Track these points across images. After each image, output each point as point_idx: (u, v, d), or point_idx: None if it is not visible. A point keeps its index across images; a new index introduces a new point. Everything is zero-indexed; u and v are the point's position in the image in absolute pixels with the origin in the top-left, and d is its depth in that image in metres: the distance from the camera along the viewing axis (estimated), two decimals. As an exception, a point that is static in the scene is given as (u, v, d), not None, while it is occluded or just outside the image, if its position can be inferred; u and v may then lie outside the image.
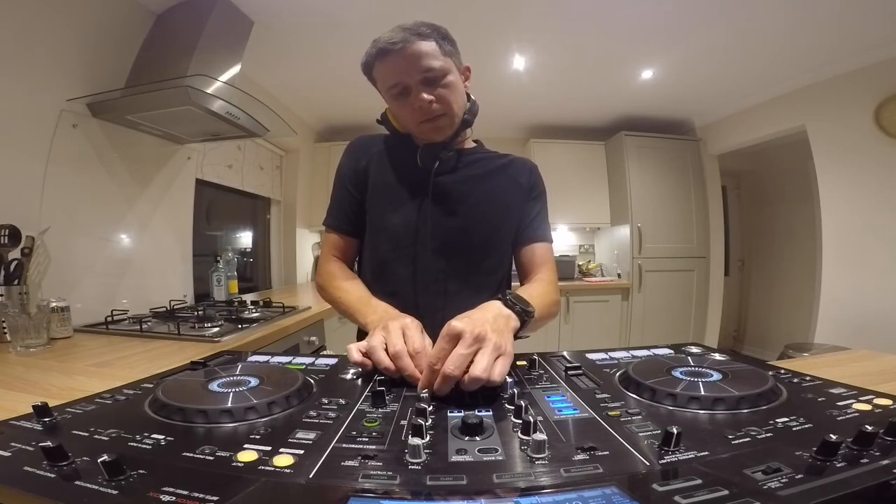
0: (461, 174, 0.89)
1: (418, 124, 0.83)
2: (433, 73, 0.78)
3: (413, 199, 0.87)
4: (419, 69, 0.77)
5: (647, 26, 2.09)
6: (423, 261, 0.86)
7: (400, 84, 0.79)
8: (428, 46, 0.78)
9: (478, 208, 0.88)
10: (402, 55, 0.76)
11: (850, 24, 2.02)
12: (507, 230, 0.92)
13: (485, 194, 0.89)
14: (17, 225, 1.20)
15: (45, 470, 0.33)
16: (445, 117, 0.82)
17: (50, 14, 1.34)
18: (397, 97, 0.81)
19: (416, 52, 0.76)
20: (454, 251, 0.87)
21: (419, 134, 0.86)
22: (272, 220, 3.19)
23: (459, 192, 0.88)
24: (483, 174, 0.91)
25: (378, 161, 0.92)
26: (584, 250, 3.89)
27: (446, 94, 0.80)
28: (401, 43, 0.76)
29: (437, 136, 0.84)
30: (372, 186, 0.90)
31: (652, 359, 0.66)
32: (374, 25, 2.10)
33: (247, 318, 1.50)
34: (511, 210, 0.92)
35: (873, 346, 0.95)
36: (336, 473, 0.34)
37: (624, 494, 0.30)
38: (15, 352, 1.04)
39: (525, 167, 0.96)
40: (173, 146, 1.87)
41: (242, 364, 0.67)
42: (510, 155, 0.98)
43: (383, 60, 0.78)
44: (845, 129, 2.40)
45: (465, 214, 0.87)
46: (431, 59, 0.77)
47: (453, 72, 0.82)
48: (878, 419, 0.40)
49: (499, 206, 0.90)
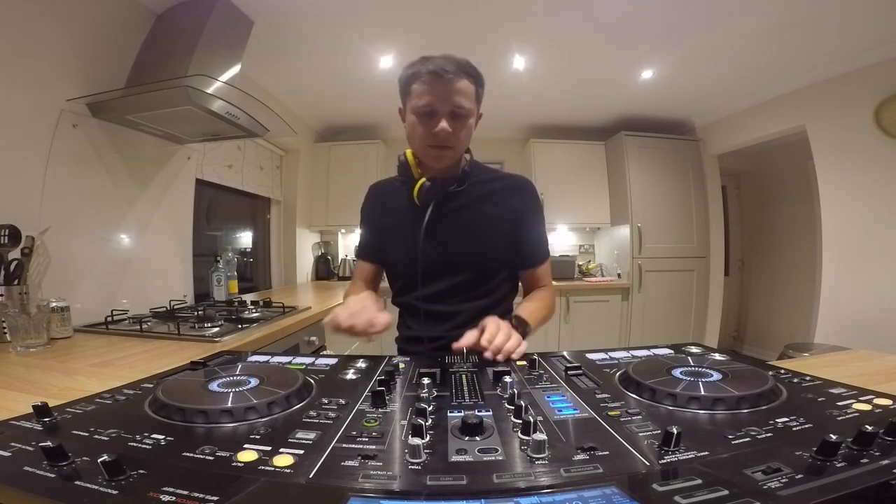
0: (452, 206, 0.97)
1: (426, 147, 0.91)
2: (462, 110, 0.88)
3: (411, 235, 0.97)
4: (453, 102, 0.86)
5: (647, 26, 2.09)
6: (424, 286, 0.98)
7: (432, 106, 0.87)
8: (468, 87, 0.88)
9: (462, 235, 0.97)
10: (447, 84, 0.85)
11: (850, 24, 2.02)
12: (497, 252, 1.00)
13: (469, 223, 0.98)
14: (17, 225, 1.20)
15: (45, 470, 0.33)
16: (451, 150, 0.91)
17: (50, 14, 1.34)
18: (422, 116, 0.89)
19: (458, 87, 0.86)
20: (449, 277, 0.98)
21: (423, 155, 0.94)
22: (272, 220, 3.19)
23: (449, 225, 0.97)
24: (469, 203, 0.98)
25: (387, 205, 1.06)
26: (584, 250, 3.89)
27: (462, 132, 0.90)
28: (452, 74, 0.85)
29: (437, 163, 0.93)
30: (383, 226, 1.06)
31: (652, 359, 0.66)
32: (374, 26, 2.12)
33: (247, 318, 1.50)
34: (499, 236, 0.99)
35: (873, 346, 0.95)
36: (336, 473, 0.34)
37: (624, 494, 0.30)
38: (15, 352, 1.04)
39: (515, 192, 1.01)
40: (173, 146, 1.87)
41: (242, 364, 0.67)
42: (498, 174, 1.04)
43: (430, 81, 0.86)
44: (845, 129, 2.39)
45: (454, 246, 0.97)
46: (466, 98, 0.88)
47: (473, 116, 0.93)
48: (878, 419, 0.40)
49: (486, 234, 0.98)
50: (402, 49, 2.24)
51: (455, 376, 0.61)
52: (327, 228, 3.58)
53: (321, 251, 3.63)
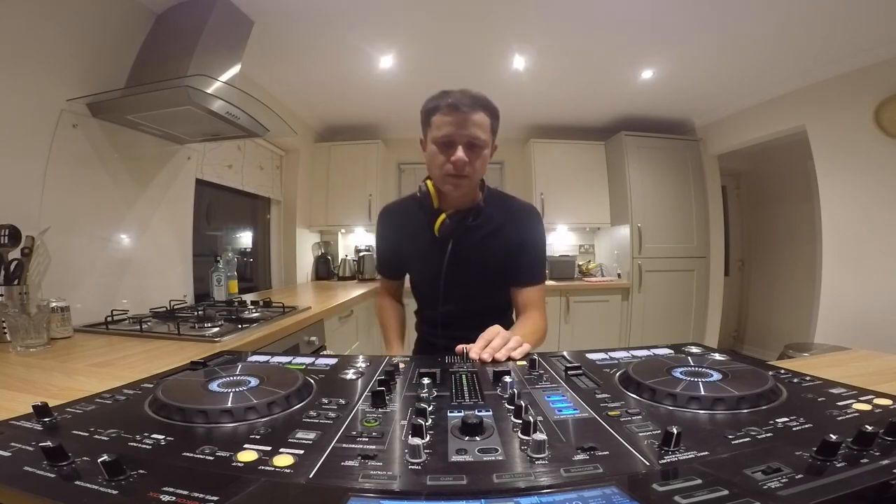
0: (470, 240, 1.06)
1: (444, 176, 0.97)
2: (478, 141, 0.94)
3: (433, 265, 1.07)
4: (469, 134, 0.93)
5: (647, 26, 2.09)
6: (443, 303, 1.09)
7: (450, 137, 0.94)
8: (484, 120, 0.95)
9: (481, 266, 1.08)
10: (465, 117, 0.92)
11: (850, 24, 2.02)
12: (503, 276, 1.11)
13: (485, 255, 1.08)
14: (17, 225, 1.20)
15: (45, 470, 0.33)
16: (467, 180, 0.98)
17: (50, 14, 1.34)
18: (441, 146, 0.96)
19: (475, 120, 0.93)
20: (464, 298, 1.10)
21: (441, 183, 1.01)
22: (272, 220, 3.19)
23: (468, 257, 1.07)
24: (485, 236, 1.07)
25: (405, 232, 1.14)
26: (584, 250, 3.89)
27: (477, 162, 0.97)
28: (468, 108, 0.92)
29: (455, 191, 1.00)
30: (405, 251, 1.16)
31: (652, 359, 0.66)
32: (374, 26, 2.12)
33: (247, 318, 1.50)
34: (506, 260, 1.09)
35: (873, 346, 0.95)
36: (336, 473, 0.34)
37: (624, 494, 0.30)
38: (15, 352, 1.04)
39: (522, 223, 1.10)
40: (173, 146, 1.87)
41: (242, 364, 0.67)
42: (508, 205, 1.11)
43: (449, 113, 0.93)
44: (845, 129, 2.39)
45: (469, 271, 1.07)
46: (481, 130, 0.95)
47: (488, 148, 0.99)
48: (878, 419, 0.40)
49: (496, 261, 1.08)
50: (403, 49, 2.24)
51: (455, 376, 0.62)
52: (327, 228, 3.58)
53: (321, 251, 3.63)
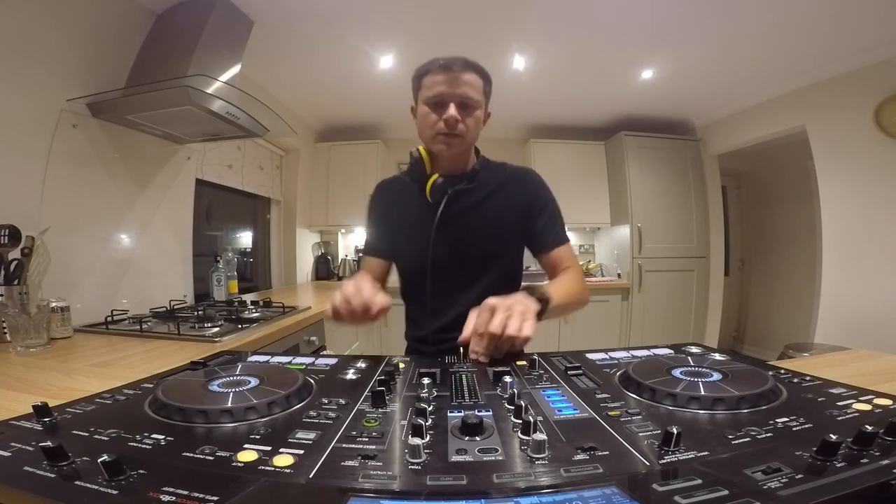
0: (462, 205, 1.00)
1: (435, 135, 0.95)
2: (470, 101, 0.93)
3: (422, 232, 0.99)
4: (462, 93, 0.92)
5: (647, 26, 2.09)
6: (434, 282, 1.00)
7: (441, 97, 0.92)
8: (476, 81, 0.94)
9: (473, 233, 1.01)
10: (455, 76, 0.92)
11: (850, 24, 2.02)
12: (504, 246, 1.04)
13: (480, 219, 1.01)
14: (17, 225, 1.20)
15: (45, 470, 0.33)
16: (459, 139, 0.95)
17: (50, 14, 1.34)
18: (432, 105, 0.94)
19: (466, 79, 0.93)
20: (459, 274, 1.01)
21: (432, 144, 0.97)
22: (272, 220, 3.19)
23: (460, 222, 1.00)
24: (480, 200, 1.02)
25: (398, 203, 1.08)
26: (584, 250, 3.89)
27: (470, 122, 0.95)
28: (459, 68, 0.92)
29: (447, 151, 0.96)
30: (395, 225, 1.08)
31: (652, 359, 0.66)
32: (374, 26, 2.12)
33: (247, 318, 1.50)
34: (507, 228, 1.03)
35: (873, 346, 0.95)
36: (336, 473, 0.34)
37: (624, 494, 0.30)
38: (15, 352, 1.04)
39: (522, 184, 1.05)
40: (173, 146, 1.87)
41: (242, 364, 0.67)
42: (505, 169, 1.07)
43: (439, 74, 0.92)
44: (845, 129, 2.39)
45: (463, 241, 1.00)
46: (473, 90, 0.93)
47: (481, 109, 0.98)
48: (878, 419, 0.40)
49: (494, 227, 1.02)
50: (403, 49, 2.23)
51: (455, 376, 0.61)
52: (327, 228, 3.58)
53: (321, 251, 3.63)
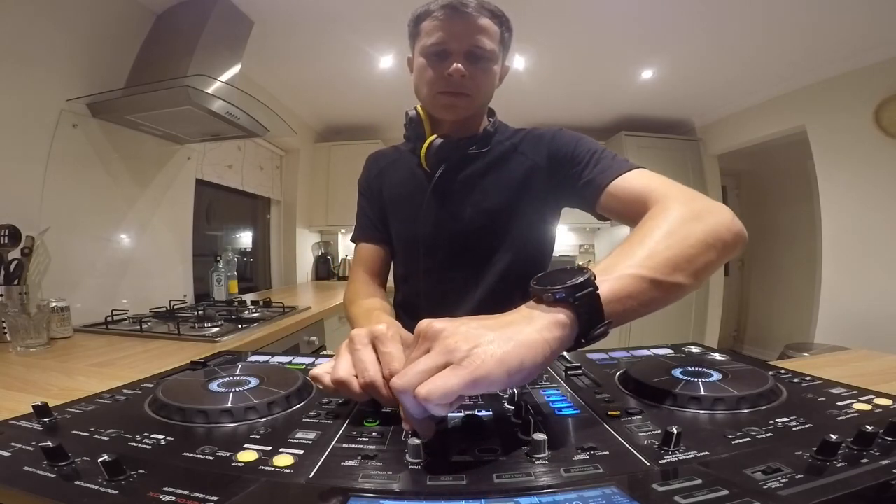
0: (467, 172, 0.81)
1: (436, 94, 0.75)
2: (481, 51, 0.72)
3: (419, 207, 0.81)
4: (471, 41, 0.72)
5: (646, 26, 2.09)
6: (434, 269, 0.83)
7: (443, 45, 0.72)
8: (490, 26, 0.73)
9: (480, 206, 0.80)
10: (465, 20, 0.71)
11: (851, 24, 2.02)
12: (519, 215, 0.80)
13: (489, 187, 0.80)
14: (17, 225, 1.20)
15: (45, 470, 0.33)
16: (466, 98, 0.75)
17: (49, 14, 1.34)
18: (431, 57, 0.74)
19: (479, 25, 0.71)
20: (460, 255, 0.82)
21: (431, 105, 0.79)
22: (272, 220, 3.19)
23: (461, 193, 0.81)
24: (488, 165, 0.81)
25: (389, 173, 0.90)
26: (584, 250, 3.89)
27: (480, 77, 0.74)
28: (472, 9, 0.70)
29: (449, 114, 0.77)
30: (385, 199, 0.89)
31: (652, 359, 0.66)
32: (374, 26, 2.12)
33: (247, 318, 1.50)
34: (524, 191, 0.79)
35: (873, 346, 0.95)
36: (336, 473, 0.34)
37: (624, 494, 0.30)
38: (15, 352, 1.04)
39: (537, 138, 0.81)
40: (173, 146, 1.87)
41: (242, 364, 0.67)
42: (524, 130, 0.85)
43: (443, 17, 0.71)
44: (845, 129, 2.39)
45: (466, 215, 0.80)
46: (487, 38, 0.72)
47: (496, 62, 0.76)
48: (878, 419, 0.40)
49: (507, 193, 0.79)
50: (403, 49, 2.22)
51: (455, 376, 0.61)
52: (327, 228, 3.58)
53: (321, 251, 3.63)
